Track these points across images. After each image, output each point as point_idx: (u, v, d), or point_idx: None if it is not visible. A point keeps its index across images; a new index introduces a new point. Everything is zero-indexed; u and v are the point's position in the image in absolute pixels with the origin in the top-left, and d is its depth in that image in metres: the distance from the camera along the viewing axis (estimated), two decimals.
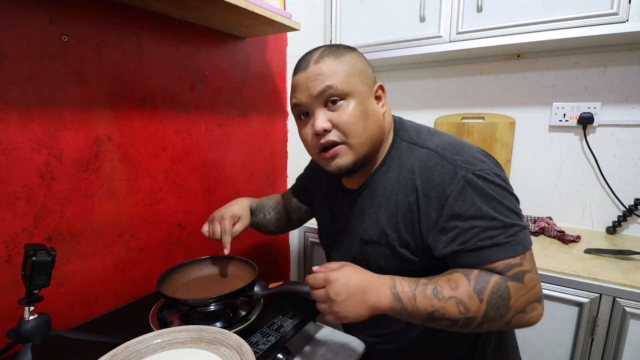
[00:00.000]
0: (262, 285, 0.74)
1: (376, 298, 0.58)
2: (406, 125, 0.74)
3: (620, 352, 0.95)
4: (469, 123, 1.53)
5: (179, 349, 0.60)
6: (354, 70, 0.65)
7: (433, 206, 0.61)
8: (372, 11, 1.46)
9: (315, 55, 0.66)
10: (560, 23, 1.11)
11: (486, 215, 0.57)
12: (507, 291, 0.55)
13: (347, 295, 0.57)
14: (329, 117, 0.64)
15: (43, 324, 0.56)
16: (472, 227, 0.58)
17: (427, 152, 0.65)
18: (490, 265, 0.57)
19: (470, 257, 0.58)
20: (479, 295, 0.55)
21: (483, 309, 0.55)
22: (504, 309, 0.55)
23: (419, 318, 0.57)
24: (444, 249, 0.60)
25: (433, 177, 0.62)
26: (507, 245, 0.57)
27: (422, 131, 0.71)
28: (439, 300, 0.56)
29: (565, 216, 1.41)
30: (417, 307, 0.56)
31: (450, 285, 0.56)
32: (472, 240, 0.57)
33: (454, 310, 0.55)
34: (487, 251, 0.57)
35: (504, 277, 0.56)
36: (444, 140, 0.66)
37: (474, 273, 0.57)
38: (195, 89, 1.03)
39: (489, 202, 0.58)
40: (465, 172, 0.59)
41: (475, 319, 0.55)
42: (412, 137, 0.70)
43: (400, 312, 0.57)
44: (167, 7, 0.87)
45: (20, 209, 0.71)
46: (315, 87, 0.63)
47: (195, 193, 1.07)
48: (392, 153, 0.70)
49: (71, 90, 0.76)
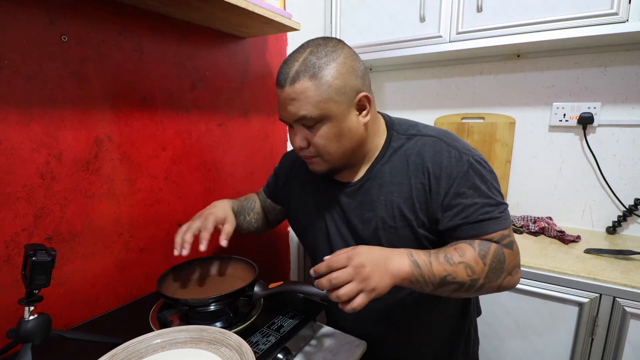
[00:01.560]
0: (262, 285, 0.74)
1: (398, 265, 0.61)
2: (397, 120, 0.79)
3: (620, 352, 0.95)
4: (469, 123, 1.53)
5: (179, 349, 0.60)
6: (330, 91, 0.64)
7: (442, 186, 0.68)
8: (372, 11, 1.46)
9: (293, 70, 0.64)
10: (560, 23, 1.12)
11: (484, 194, 0.67)
12: (504, 256, 0.65)
13: (372, 265, 0.59)
14: (305, 135, 0.69)
15: (43, 324, 0.56)
16: (473, 203, 0.66)
17: (432, 139, 0.72)
18: (488, 235, 0.66)
19: (472, 228, 0.66)
20: (483, 259, 0.63)
21: (486, 272, 0.63)
22: (500, 271, 0.65)
23: (432, 284, 0.62)
24: (448, 223, 0.68)
25: (442, 161, 0.69)
26: (500, 219, 0.67)
27: (414, 124, 0.78)
28: (451, 265, 0.62)
29: (565, 216, 1.41)
30: (433, 272, 0.62)
31: (458, 253, 0.64)
32: (473, 214, 0.66)
33: (463, 273, 0.62)
34: (485, 224, 0.66)
35: (500, 245, 0.65)
36: (439, 131, 0.74)
37: (477, 242, 0.65)
38: (195, 89, 1.03)
39: (486, 183, 0.68)
40: (468, 157, 0.68)
41: (478, 281, 0.63)
42: (408, 129, 0.76)
43: (417, 279, 0.61)
44: (167, 7, 0.87)
45: (20, 209, 0.71)
46: (291, 113, 0.67)
47: (195, 193, 1.07)
48: (391, 144, 0.75)
49: (71, 90, 0.76)
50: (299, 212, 0.89)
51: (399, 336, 0.82)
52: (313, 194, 0.85)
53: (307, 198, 0.86)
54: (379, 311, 0.80)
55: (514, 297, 1.09)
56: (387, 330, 0.82)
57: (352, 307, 0.57)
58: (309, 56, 0.65)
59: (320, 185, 0.83)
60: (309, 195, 0.86)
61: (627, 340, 0.94)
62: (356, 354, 0.75)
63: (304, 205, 0.87)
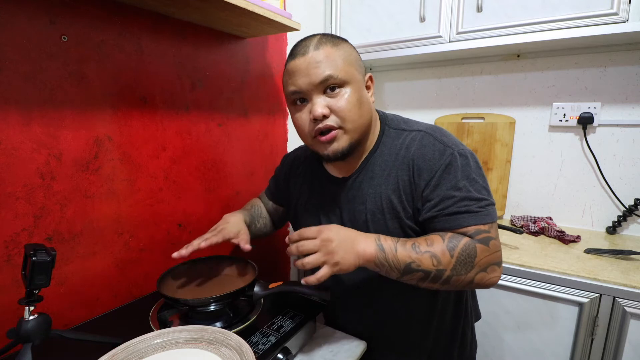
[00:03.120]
0: (262, 285, 0.74)
1: (363, 246, 0.63)
2: (390, 115, 0.81)
3: (620, 352, 0.95)
4: (469, 123, 1.53)
5: (179, 349, 0.60)
6: (351, 58, 0.70)
7: (423, 178, 0.69)
8: (372, 11, 1.46)
9: (314, 41, 0.69)
10: (560, 23, 1.12)
11: (463, 188, 0.67)
12: (474, 251, 0.64)
13: (339, 241, 0.62)
14: (327, 103, 0.68)
15: (43, 324, 0.56)
16: (451, 196, 0.67)
17: (419, 133, 0.73)
18: (462, 229, 0.66)
19: (446, 221, 0.67)
20: (451, 251, 0.63)
21: (452, 263, 0.63)
22: (470, 265, 0.64)
23: (397, 270, 0.64)
24: (426, 214, 0.69)
25: (426, 154, 0.70)
26: (478, 214, 0.66)
27: (406, 120, 0.80)
28: (416, 253, 0.63)
29: (565, 216, 1.41)
30: (397, 257, 0.63)
31: (426, 243, 0.65)
32: (449, 207, 0.66)
33: (428, 262, 0.63)
34: (461, 217, 0.66)
35: (473, 240, 0.65)
36: (429, 126, 0.76)
37: (448, 235, 0.66)
38: (195, 89, 1.03)
39: (468, 177, 0.67)
40: (452, 151, 0.69)
41: (444, 272, 0.63)
42: (400, 124, 0.77)
43: (382, 262, 0.63)
44: (167, 7, 0.87)
45: (20, 209, 0.71)
46: (316, 74, 0.66)
47: (195, 193, 1.07)
48: (383, 140, 0.77)
49: (71, 90, 0.76)
50: (297, 210, 0.91)
51: (392, 338, 0.83)
52: (310, 192, 0.86)
53: (305, 196, 0.88)
54: (373, 312, 0.81)
55: (514, 297, 1.10)
56: (380, 332, 0.82)
57: (315, 278, 0.61)
58: (323, 36, 0.70)
59: (317, 182, 0.85)
60: (307, 193, 0.87)
61: (627, 340, 0.94)
62: (356, 354, 0.75)
63: (301, 203, 0.89)
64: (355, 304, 0.83)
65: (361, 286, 0.80)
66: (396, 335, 0.82)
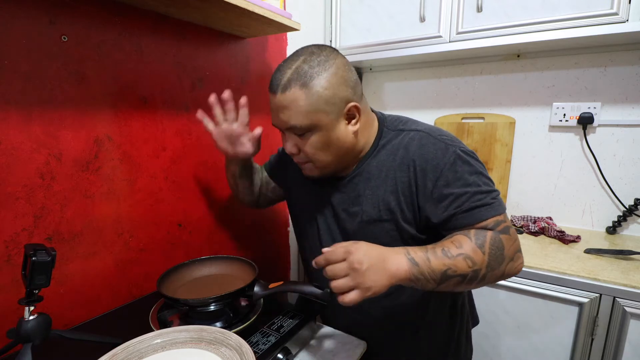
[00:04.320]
0: (262, 285, 0.74)
1: (396, 265, 0.60)
2: (390, 117, 0.80)
3: (620, 352, 0.95)
4: (469, 123, 1.53)
5: (179, 349, 0.60)
6: (319, 101, 0.66)
7: (429, 178, 0.68)
8: (372, 11, 1.46)
9: (284, 79, 0.66)
10: (560, 23, 1.12)
11: (474, 183, 0.67)
12: (501, 242, 0.64)
13: (370, 264, 0.58)
14: (295, 142, 0.71)
15: (43, 324, 0.56)
16: (464, 192, 0.66)
17: (418, 133, 0.72)
18: (482, 223, 0.65)
19: (465, 217, 0.66)
20: (481, 248, 0.62)
21: (486, 260, 0.62)
22: (501, 258, 0.63)
23: (434, 280, 0.61)
24: (442, 214, 0.67)
25: (427, 154, 0.69)
26: (493, 205, 0.66)
27: (405, 120, 0.78)
28: (449, 258, 0.61)
29: (565, 216, 1.41)
30: (432, 267, 0.60)
31: (455, 245, 0.63)
32: (465, 203, 0.66)
33: (463, 265, 0.61)
34: (478, 211, 0.65)
35: (496, 232, 0.64)
36: (427, 126, 0.75)
37: (472, 232, 0.65)
38: (195, 89, 1.03)
39: (475, 172, 0.68)
40: (455, 148, 0.68)
41: (480, 271, 0.62)
42: (398, 125, 0.76)
43: (417, 277, 0.60)
44: (167, 7, 0.87)
45: (20, 209, 0.71)
46: (282, 121, 0.69)
47: (195, 193, 1.07)
48: (380, 142, 0.76)
49: (71, 90, 0.76)
50: (297, 203, 0.91)
51: (390, 339, 0.83)
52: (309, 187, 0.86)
53: (304, 190, 0.88)
54: (372, 312, 0.81)
55: (514, 297, 1.10)
56: (378, 333, 0.82)
57: (344, 301, 0.58)
58: (301, 64, 0.66)
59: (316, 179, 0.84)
60: (306, 187, 0.87)
61: (627, 340, 0.94)
62: (356, 354, 0.75)
63: (300, 197, 0.90)
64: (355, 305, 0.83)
65: None
66: (393, 336, 0.82)
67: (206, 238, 1.10)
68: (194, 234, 1.07)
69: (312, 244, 0.86)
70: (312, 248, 0.86)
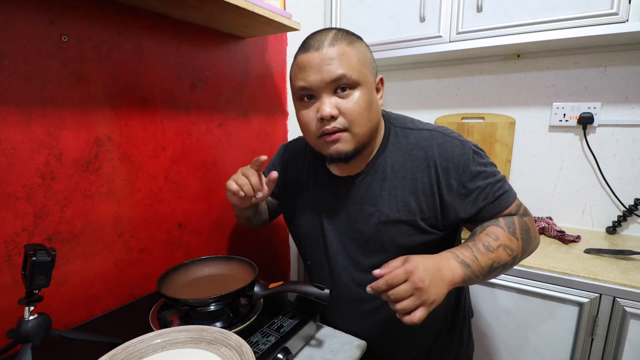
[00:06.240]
0: (262, 285, 0.74)
1: (451, 272, 0.61)
2: (394, 114, 0.80)
3: (620, 352, 0.95)
4: (469, 123, 1.53)
5: (179, 349, 0.60)
6: (365, 59, 0.68)
7: (452, 176, 0.69)
8: (372, 11, 1.46)
9: (329, 36, 0.65)
10: (560, 23, 1.11)
11: (490, 174, 0.70)
12: (527, 225, 0.70)
13: (431, 279, 0.58)
14: (336, 104, 0.65)
15: (43, 324, 0.56)
16: (487, 184, 0.69)
17: (431, 133, 0.73)
18: (507, 209, 0.70)
19: (493, 207, 0.70)
20: (514, 235, 0.67)
21: (521, 245, 0.68)
22: (530, 239, 0.70)
23: (482, 275, 0.64)
24: (471, 209, 0.70)
25: (446, 152, 0.70)
26: (510, 191, 0.71)
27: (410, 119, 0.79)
28: (492, 252, 0.65)
29: (565, 216, 1.41)
30: (481, 265, 0.63)
31: (492, 237, 0.66)
32: (490, 194, 0.69)
33: (505, 255, 0.65)
34: (502, 199, 0.70)
35: (520, 216, 0.70)
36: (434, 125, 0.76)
37: (501, 221, 0.69)
38: (195, 89, 1.03)
39: (488, 164, 0.72)
40: (469, 145, 0.71)
41: (517, 257, 0.68)
42: (406, 124, 0.76)
43: (470, 277, 0.63)
44: (167, 7, 0.87)
45: (20, 209, 0.71)
46: (329, 72, 0.63)
47: (195, 193, 1.07)
48: (390, 139, 0.75)
49: (71, 90, 0.76)
50: (297, 206, 0.87)
51: (392, 338, 0.83)
52: (312, 188, 0.84)
53: (306, 192, 0.85)
54: (373, 312, 0.81)
55: (514, 297, 1.09)
56: (380, 332, 0.82)
57: (413, 321, 0.56)
58: (339, 31, 0.68)
59: (319, 179, 0.82)
60: (308, 189, 0.84)
61: (627, 340, 0.94)
62: (356, 354, 0.75)
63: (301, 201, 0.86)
64: (355, 304, 0.83)
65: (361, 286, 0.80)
66: (395, 335, 0.82)
67: (206, 238, 1.10)
68: (194, 234, 1.07)
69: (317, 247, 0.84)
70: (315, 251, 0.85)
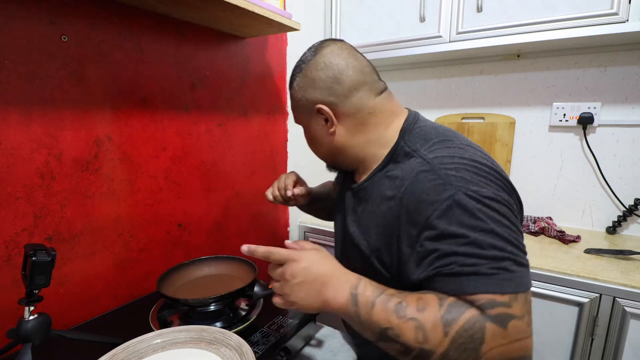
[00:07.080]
0: (262, 285, 0.74)
1: (333, 293, 0.52)
2: (417, 127, 0.65)
3: (620, 352, 0.95)
4: (469, 123, 1.53)
5: (179, 349, 0.60)
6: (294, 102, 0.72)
7: (415, 222, 0.53)
8: (372, 11, 1.46)
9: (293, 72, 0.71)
10: (560, 23, 1.11)
11: (472, 242, 0.48)
12: (482, 333, 0.44)
13: (303, 280, 0.53)
14: None
15: (43, 324, 0.56)
16: (453, 251, 0.48)
17: (420, 162, 0.57)
18: (468, 296, 0.47)
19: (443, 282, 0.49)
20: (446, 327, 0.45)
21: (445, 346, 0.45)
22: (471, 352, 0.44)
23: (371, 331, 0.49)
24: (422, 273, 0.52)
25: (418, 191, 0.54)
26: (491, 277, 0.46)
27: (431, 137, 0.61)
28: (398, 317, 0.47)
29: (565, 216, 1.41)
30: (372, 317, 0.49)
31: (417, 305, 0.48)
32: (450, 265, 0.48)
33: (411, 335, 0.46)
34: (464, 279, 0.47)
35: (484, 315, 0.45)
36: (449, 153, 0.56)
37: (449, 300, 0.47)
38: (195, 89, 1.03)
39: (480, 228, 0.48)
40: (456, 191, 0.50)
41: (431, 355, 0.46)
42: (416, 143, 0.61)
43: (352, 317, 0.50)
44: (167, 7, 0.87)
45: (20, 209, 0.71)
46: None
47: (195, 193, 1.07)
48: (393, 157, 0.63)
49: (71, 90, 0.76)
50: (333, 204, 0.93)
51: None
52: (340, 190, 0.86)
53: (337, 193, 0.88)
54: None
55: None
56: None
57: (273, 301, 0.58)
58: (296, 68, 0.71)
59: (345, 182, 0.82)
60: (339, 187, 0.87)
61: (627, 340, 0.94)
62: (356, 353, 0.75)
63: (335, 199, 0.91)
64: None
65: None
66: None
67: (206, 238, 1.11)
68: (194, 234, 1.07)
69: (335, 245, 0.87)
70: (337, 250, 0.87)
